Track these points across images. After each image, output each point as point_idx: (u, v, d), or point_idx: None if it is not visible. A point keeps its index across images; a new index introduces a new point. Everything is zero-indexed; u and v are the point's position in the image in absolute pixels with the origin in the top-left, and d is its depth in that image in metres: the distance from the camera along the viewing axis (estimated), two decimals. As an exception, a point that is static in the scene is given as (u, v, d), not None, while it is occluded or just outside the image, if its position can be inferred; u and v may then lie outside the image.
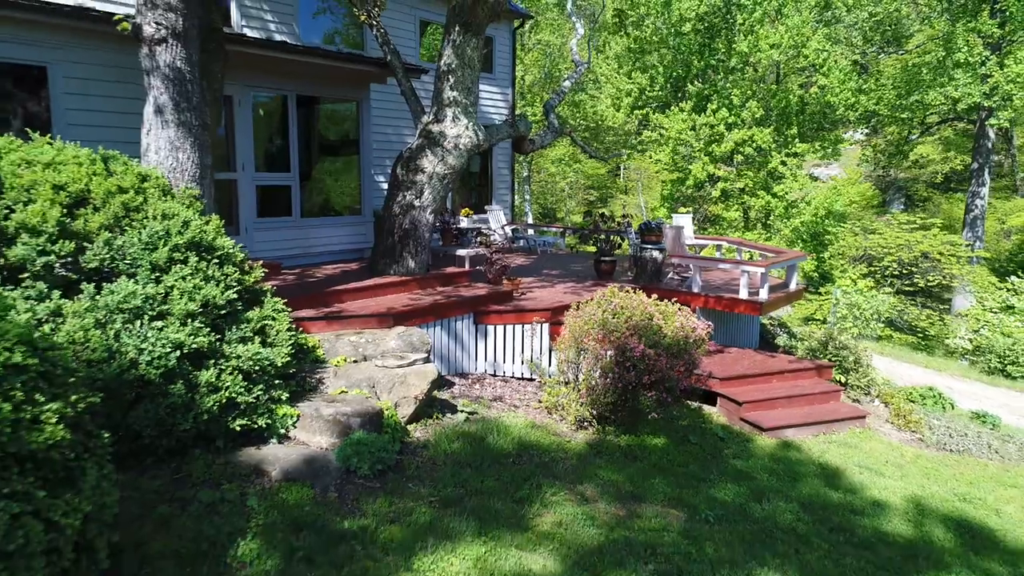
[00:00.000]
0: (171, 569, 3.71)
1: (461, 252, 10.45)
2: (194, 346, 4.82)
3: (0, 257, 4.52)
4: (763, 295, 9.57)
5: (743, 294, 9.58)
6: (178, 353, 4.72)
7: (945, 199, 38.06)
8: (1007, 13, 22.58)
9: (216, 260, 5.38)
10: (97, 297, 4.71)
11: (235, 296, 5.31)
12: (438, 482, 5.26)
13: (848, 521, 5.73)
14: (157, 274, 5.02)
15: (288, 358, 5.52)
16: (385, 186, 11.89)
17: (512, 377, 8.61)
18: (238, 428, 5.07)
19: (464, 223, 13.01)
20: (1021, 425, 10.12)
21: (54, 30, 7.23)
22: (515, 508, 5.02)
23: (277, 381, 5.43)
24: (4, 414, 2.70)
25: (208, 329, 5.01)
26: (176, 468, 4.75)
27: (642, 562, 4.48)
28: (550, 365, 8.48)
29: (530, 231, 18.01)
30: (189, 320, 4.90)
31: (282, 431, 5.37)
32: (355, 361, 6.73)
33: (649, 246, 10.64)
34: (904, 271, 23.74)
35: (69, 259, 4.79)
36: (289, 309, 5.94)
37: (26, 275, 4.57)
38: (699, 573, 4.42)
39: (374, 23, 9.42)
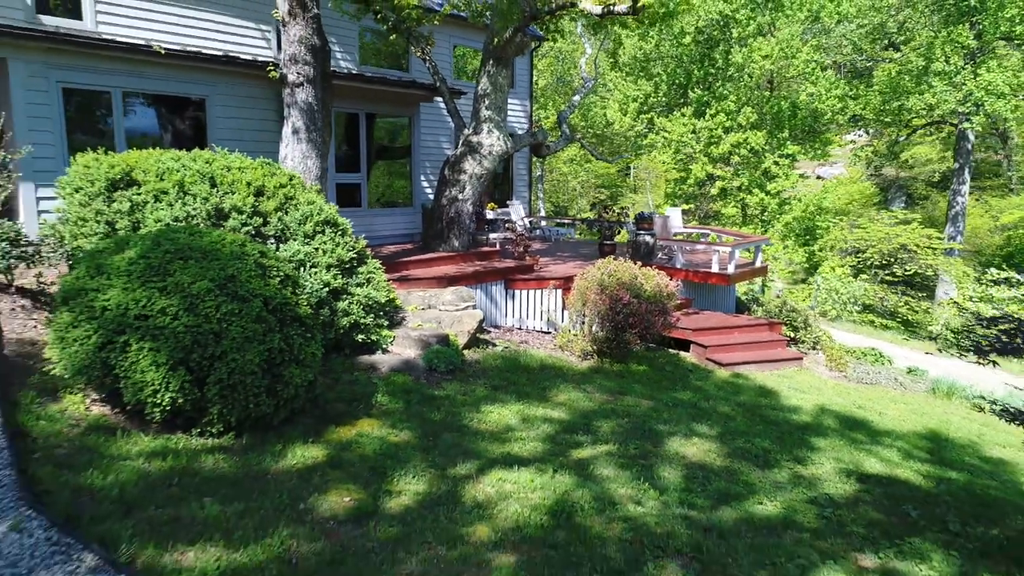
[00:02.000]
0: (342, 406, 6.40)
1: (493, 236, 13.15)
2: (334, 286, 7.54)
3: (219, 227, 7.25)
4: (730, 269, 12.21)
5: (715, 268, 12.22)
6: (326, 289, 7.44)
7: (942, 196, 40.30)
8: (982, 27, 24.92)
9: (340, 232, 8.10)
10: (278, 253, 7.44)
11: (353, 255, 8.03)
12: (488, 377, 7.97)
13: (767, 413, 8.37)
14: (307, 240, 7.74)
15: (387, 298, 8.23)
16: (427, 184, 14.65)
17: (534, 330, 11.30)
18: (359, 340, 7.80)
19: (490, 215, 15.70)
20: (940, 376, 12.68)
21: (212, 73, 10.03)
22: (539, 391, 7.73)
23: (381, 313, 8.16)
24: (302, 298, 5.42)
25: (340, 275, 7.73)
26: (323, 364, 7.46)
27: (619, 417, 7.16)
28: (562, 320, 11.16)
29: (543, 222, 20.65)
30: (329, 269, 7.62)
31: (384, 346, 8.09)
32: (423, 308, 9.45)
33: (642, 232, 13.30)
34: (885, 261, 26.15)
35: (257, 229, 7.52)
36: (383, 268, 8.66)
37: (235, 238, 7.29)
38: (654, 424, 7.09)
39: (426, 58, 12.14)
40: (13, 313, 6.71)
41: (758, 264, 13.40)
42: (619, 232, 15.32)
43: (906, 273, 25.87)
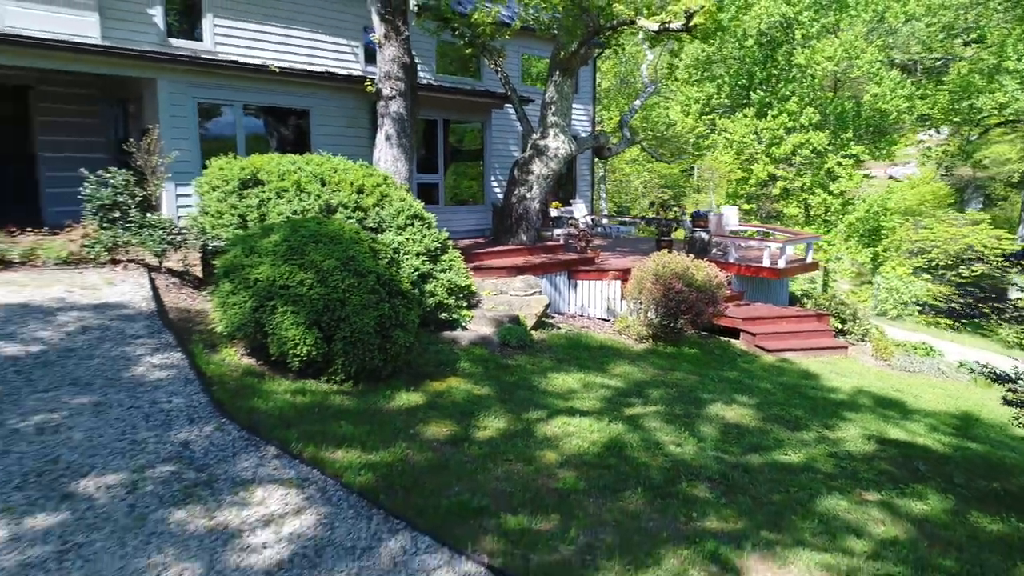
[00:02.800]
0: (432, 369, 7.64)
1: (558, 231, 14.28)
2: (422, 270, 8.83)
3: (329, 219, 8.61)
4: (781, 264, 13.00)
5: (766, 263, 13.03)
6: (416, 273, 8.73)
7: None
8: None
9: (426, 224, 9.39)
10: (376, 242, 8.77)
11: (437, 245, 9.30)
12: (553, 352, 9.11)
13: (805, 391, 9.23)
14: (400, 231, 9.06)
15: (466, 283, 9.48)
16: (497, 184, 15.90)
17: (594, 317, 12.39)
18: (443, 318, 9.07)
19: (554, 212, 16.83)
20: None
21: (314, 87, 11.55)
22: (598, 365, 8.83)
23: (460, 296, 9.41)
24: (402, 277, 6.70)
25: (427, 261, 9.01)
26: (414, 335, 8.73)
27: (668, 387, 8.19)
28: (621, 308, 12.20)
29: (605, 220, 21.66)
30: (418, 256, 8.91)
31: (463, 324, 9.33)
32: (496, 294, 10.66)
33: (698, 229, 14.20)
34: (950, 262, 26.02)
35: (359, 221, 8.87)
36: (462, 256, 9.91)
37: (341, 229, 8.65)
38: (699, 393, 8.09)
39: (498, 69, 13.37)
40: (168, 288, 8.26)
41: (809, 260, 14.10)
42: (676, 229, 16.22)
43: (973, 274, 25.67)
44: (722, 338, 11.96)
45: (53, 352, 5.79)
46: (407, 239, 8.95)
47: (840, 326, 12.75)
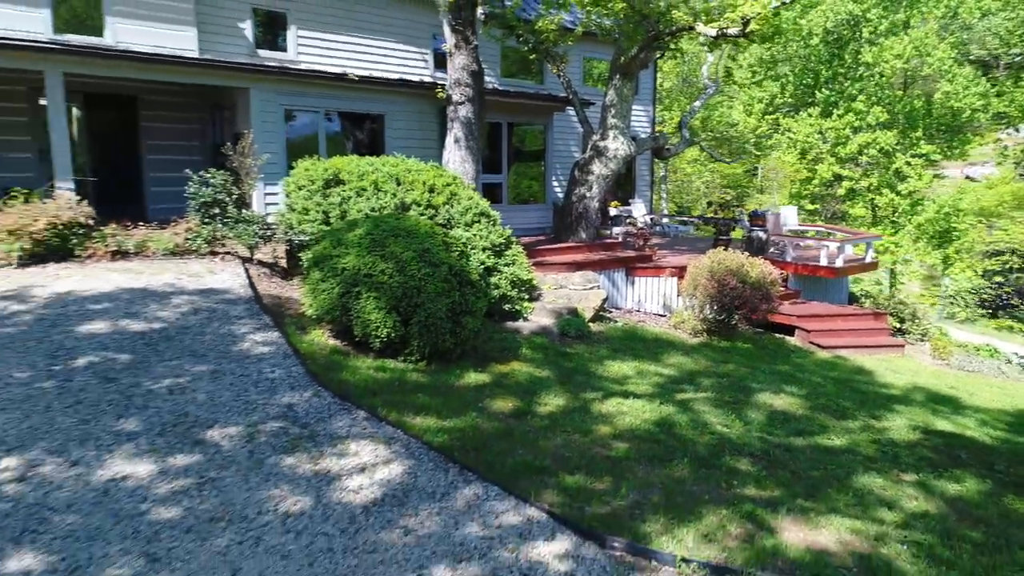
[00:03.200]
0: (496, 354, 8.27)
1: (616, 229, 14.76)
2: (488, 264, 9.48)
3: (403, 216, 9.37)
4: (838, 263, 13.15)
5: (823, 262, 13.20)
6: (482, 267, 9.39)
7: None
8: None
9: (491, 221, 10.04)
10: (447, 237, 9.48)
11: (502, 241, 9.94)
12: (610, 343, 9.64)
13: (856, 385, 9.48)
14: (467, 227, 9.73)
15: (528, 276, 10.09)
16: (557, 184, 16.47)
17: (651, 312, 12.82)
18: (506, 309, 9.70)
19: (613, 212, 17.28)
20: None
21: (388, 94, 12.39)
22: (652, 355, 9.31)
23: (523, 289, 10.02)
24: (472, 267, 7.37)
25: (492, 256, 9.66)
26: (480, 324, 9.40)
27: (719, 377, 8.62)
28: (677, 304, 12.60)
29: (666, 219, 21.94)
30: (484, 251, 9.57)
31: (525, 315, 9.94)
32: (556, 288, 11.24)
33: (755, 228, 14.45)
34: (1024, 265, 25.18)
35: (430, 218, 9.59)
36: (525, 252, 10.52)
37: (414, 225, 9.39)
38: (749, 383, 8.48)
39: (560, 74, 13.94)
40: (260, 277, 9.16)
41: (868, 260, 14.16)
42: (734, 228, 16.45)
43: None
44: (776, 335, 12.22)
45: (172, 329, 6.68)
46: (474, 235, 9.62)
47: (898, 325, 12.81)
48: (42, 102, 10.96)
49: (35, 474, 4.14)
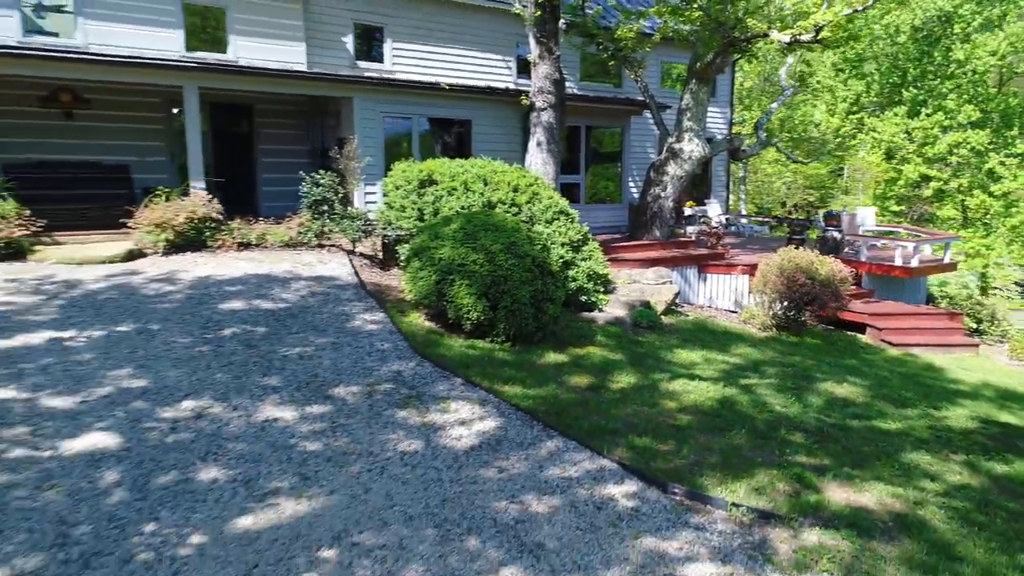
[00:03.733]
0: (573, 339, 9.04)
1: (690, 228, 15.27)
2: (566, 259, 10.27)
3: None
4: (913, 264, 13.26)
5: (897, 262, 13.34)
6: (561, 260, 10.19)
7: None
8: None
9: (570, 219, 10.82)
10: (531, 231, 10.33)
11: (579, 237, 10.70)
12: (680, 334, 10.26)
13: (923, 380, 9.74)
14: (548, 224, 10.55)
15: (603, 270, 10.82)
16: (633, 184, 17.08)
17: (722, 309, 13.30)
18: (582, 301, 10.47)
19: (688, 211, 17.75)
20: None
21: (476, 100, 13.39)
22: (720, 346, 9.88)
23: (598, 282, 10.76)
24: (553, 260, 8.19)
25: (570, 251, 10.44)
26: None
27: (784, 367, 9.12)
28: (747, 301, 13.03)
29: (744, 220, 22.14)
30: (563, 246, 10.36)
31: (600, 306, 10.68)
32: (630, 282, 11.92)
33: (830, 228, 14.66)
34: None
35: (514, 215, 10.46)
36: (601, 248, 11.26)
37: (499, 222, 10.28)
38: (813, 373, 8.95)
39: (638, 79, 14.57)
40: (362, 267, 10.26)
41: (946, 260, 14.15)
42: (810, 228, 16.63)
43: None
44: (847, 332, 12.49)
45: (295, 308, 7.80)
46: (553, 231, 10.43)
47: (975, 326, 12.80)
48: (175, 111, 12.50)
49: (208, 413, 5.22)
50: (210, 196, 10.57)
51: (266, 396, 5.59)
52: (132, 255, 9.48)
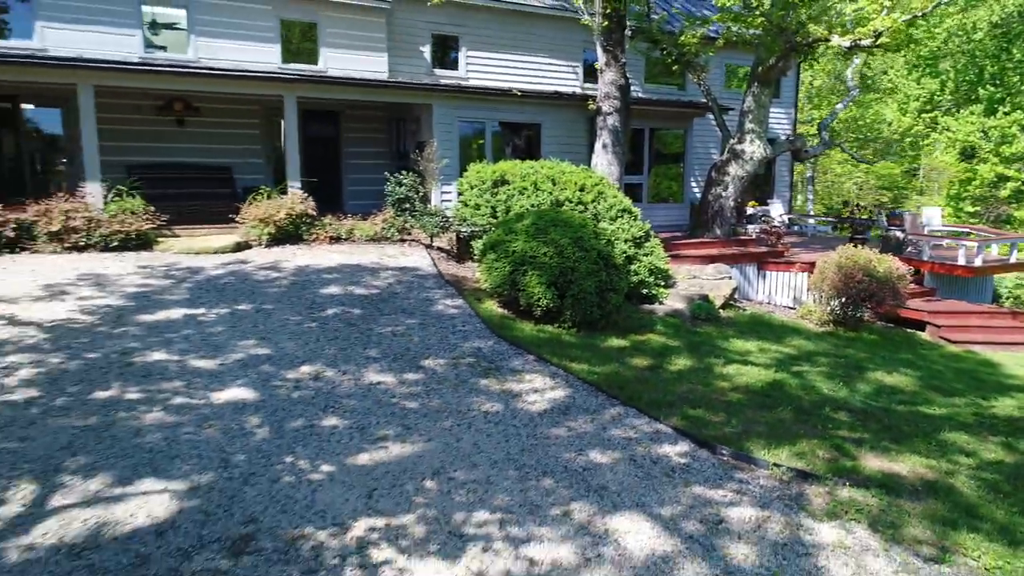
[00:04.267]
0: (633, 327, 9.74)
1: (751, 227, 15.68)
2: (629, 254, 10.96)
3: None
4: (977, 263, 13.36)
5: (960, 261, 13.47)
6: (624, 255, 10.89)
7: None
8: None
9: (633, 217, 11.50)
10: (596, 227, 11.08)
11: (641, 234, 11.38)
12: (736, 326, 10.81)
13: (978, 375, 10.01)
14: (612, 221, 11.26)
15: (664, 265, 11.46)
16: (695, 184, 17.56)
17: (780, 305, 13.71)
18: (643, 293, 11.15)
19: (749, 211, 18.10)
20: None
21: (544, 105, 14.22)
22: (776, 338, 10.40)
23: (659, 276, 11.41)
24: (617, 256, 8.93)
25: (633, 247, 11.13)
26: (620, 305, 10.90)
27: (836, 358, 9.58)
28: (806, 298, 13.41)
29: (811, 220, 22.23)
30: (626, 242, 11.06)
31: (660, 299, 11.33)
32: (690, 278, 12.51)
33: (892, 228, 14.85)
34: None
35: (579, 213, 11.21)
36: (662, 244, 11.90)
37: (566, 219, 11.06)
38: (865, 364, 9.38)
39: (701, 83, 15.09)
40: (439, 260, 11.21)
41: (1012, 260, 14.15)
42: (872, 228, 16.78)
43: None
44: (906, 329, 12.73)
45: (384, 293, 8.78)
46: (617, 228, 11.14)
47: (1041, 326, 12.81)
48: (273, 118, 13.76)
49: (322, 377, 6.20)
50: (305, 194, 11.71)
51: (368, 364, 6.54)
52: (240, 246, 10.69)
